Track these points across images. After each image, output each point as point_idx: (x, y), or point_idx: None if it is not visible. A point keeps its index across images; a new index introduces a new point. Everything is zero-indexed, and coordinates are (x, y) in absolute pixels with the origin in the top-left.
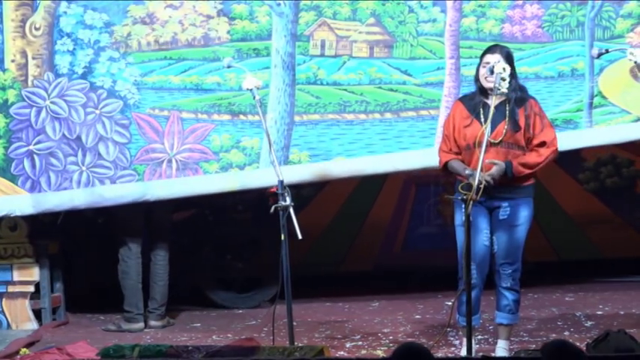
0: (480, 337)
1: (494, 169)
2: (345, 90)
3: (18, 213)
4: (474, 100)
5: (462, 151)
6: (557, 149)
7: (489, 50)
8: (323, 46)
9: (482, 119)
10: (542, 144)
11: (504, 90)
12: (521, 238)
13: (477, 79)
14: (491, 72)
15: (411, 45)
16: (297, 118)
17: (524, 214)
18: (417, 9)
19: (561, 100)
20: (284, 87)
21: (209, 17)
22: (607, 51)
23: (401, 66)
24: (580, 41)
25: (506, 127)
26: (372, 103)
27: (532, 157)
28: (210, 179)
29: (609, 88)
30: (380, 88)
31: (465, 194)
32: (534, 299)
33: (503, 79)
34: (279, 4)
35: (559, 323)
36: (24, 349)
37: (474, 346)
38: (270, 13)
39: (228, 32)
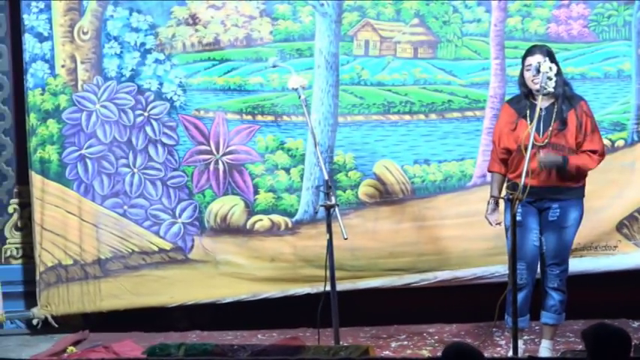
0: (526, 337)
1: (548, 157)
2: (390, 90)
3: None
4: (520, 104)
5: (508, 155)
6: (603, 158)
7: (529, 52)
8: (367, 46)
9: (529, 121)
10: (594, 152)
11: (550, 89)
12: (570, 240)
13: (522, 83)
14: (538, 71)
15: (456, 45)
16: (340, 119)
17: (574, 216)
18: (462, 9)
19: (607, 102)
20: (327, 88)
21: (251, 18)
22: None
23: (445, 66)
24: (627, 41)
25: (551, 127)
26: (416, 104)
27: (586, 161)
28: None
29: None
30: (425, 88)
31: (512, 194)
32: None
33: (550, 79)
34: (322, 5)
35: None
36: (71, 348)
37: (521, 347)
38: (314, 13)
39: (271, 33)
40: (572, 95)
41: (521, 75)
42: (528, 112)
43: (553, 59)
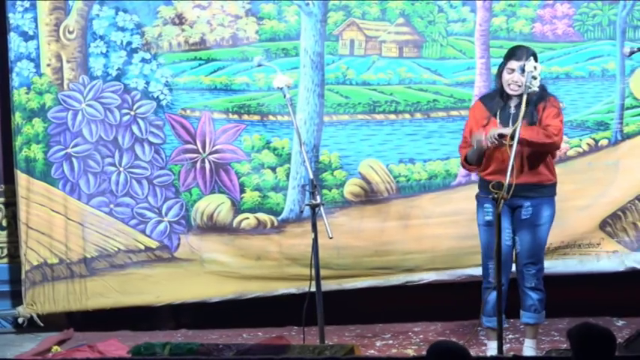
0: (510, 336)
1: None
2: (375, 90)
3: None
4: (493, 101)
5: None
6: (559, 142)
7: (514, 56)
8: (352, 45)
9: (499, 119)
10: (548, 127)
11: (535, 88)
12: (544, 238)
13: (498, 80)
14: (523, 70)
15: (441, 45)
16: (326, 119)
17: (547, 214)
18: (447, 9)
19: (592, 102)
20: (313, 87)
21: (237, 17)
22: (639, 49)
23: (431, 66)
24: (611, 41)
25: (520, 126)
26: (401, 104)
27: (537, 135)
28: None
29: None
30: (410, 87)
31: (496, 193)
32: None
33: (535, 78)
34: (307, 4)
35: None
36: (55, 347)
37: (505, 346)
38: (299, 12)
39: (257, 32)
40: (543, 95)
41: (500, 73)
42: (499, 111)
43: (536, 60)
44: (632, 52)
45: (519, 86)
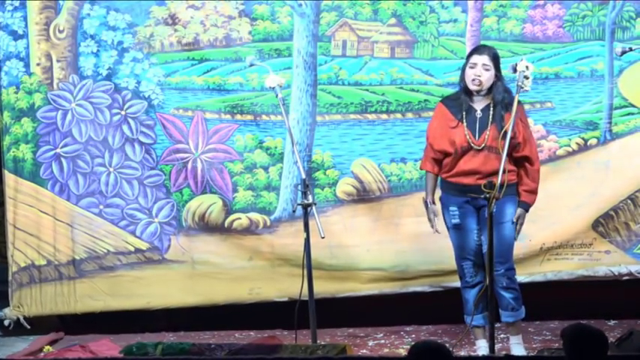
0: (502, 335)
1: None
2: (367, 90)
3: None
4: (459, 101)
5: (444, 157)
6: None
7: (476, 51)
8: (344, 46)
9: (465, 123)
10: (527, 159)
11: (527, 88)
12: (509, 236)
13: (462, 79)
14: (514, 70)
15: (432, 45)
16: (319, 119)
17: (510, 211)
18: (438, 9)
19: (581, 102)
20: (306, 87)
21: (231, 18)
22: (630, 49)
23: (422, 66)
24: (600, 41)
25: (488, 133)
26: (393, 104)
27: (532, 184)
28: None
29: (629, 89)
30: (401, 88)
31: (489, 192)
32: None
33: (527, 77)
34: (300, 5)
35: (582, 322)
36: (47, 347)
37: (483, 346)
38: (292, 13)
39: (250, 33)
40: (511, 101)
41: (463, 71)
42: (464, 114)
43: (497, 62)
44: (623, 52)
45: (481, 81)
